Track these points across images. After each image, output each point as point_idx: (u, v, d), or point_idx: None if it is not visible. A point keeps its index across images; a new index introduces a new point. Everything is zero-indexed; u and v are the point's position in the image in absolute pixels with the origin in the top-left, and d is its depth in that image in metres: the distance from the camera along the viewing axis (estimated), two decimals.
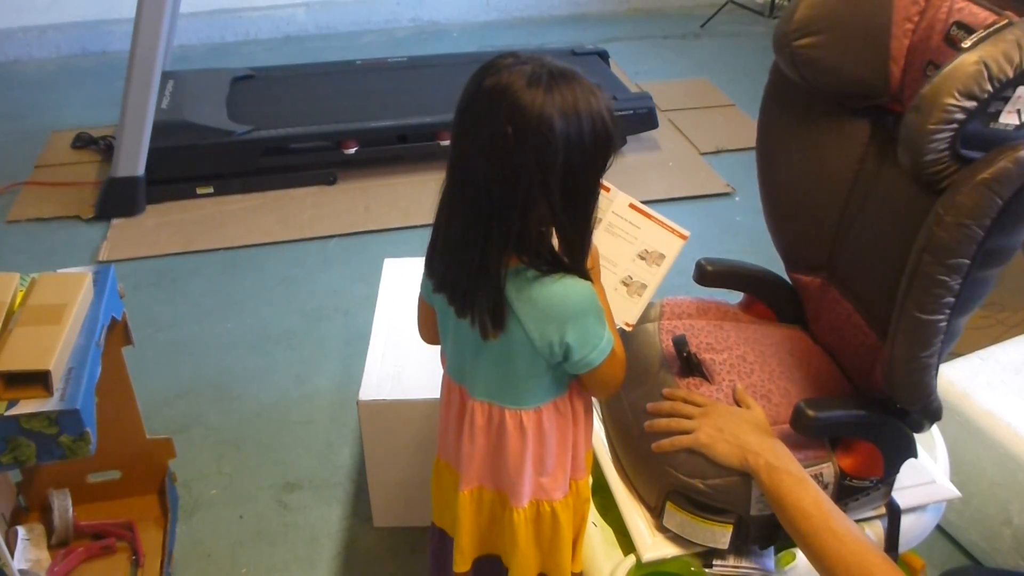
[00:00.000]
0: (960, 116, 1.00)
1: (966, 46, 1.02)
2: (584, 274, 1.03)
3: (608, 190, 1.24)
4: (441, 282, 1.06)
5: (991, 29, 1.02)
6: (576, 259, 1.01)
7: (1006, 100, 1.01)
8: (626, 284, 1.25)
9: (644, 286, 1.24)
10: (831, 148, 1.30)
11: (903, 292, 1.09)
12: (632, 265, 1.25)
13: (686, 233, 1.23)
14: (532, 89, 0.91)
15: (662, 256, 1.24)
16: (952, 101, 0.99)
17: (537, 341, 1.02)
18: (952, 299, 1.06)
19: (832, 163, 1.31)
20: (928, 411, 1.19)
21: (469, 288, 1.02)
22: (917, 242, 1.07)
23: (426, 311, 1.19)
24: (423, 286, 1.16)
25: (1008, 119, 1.02)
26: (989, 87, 0.98)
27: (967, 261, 1.03)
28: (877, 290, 1.25)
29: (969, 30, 1.11)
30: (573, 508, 1.20)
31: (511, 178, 0.93)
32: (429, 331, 1.21)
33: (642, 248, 1.24)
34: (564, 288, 1.00)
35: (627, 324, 1.25)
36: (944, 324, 1.08)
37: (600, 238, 1.23)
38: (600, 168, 0.98)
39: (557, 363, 1.06)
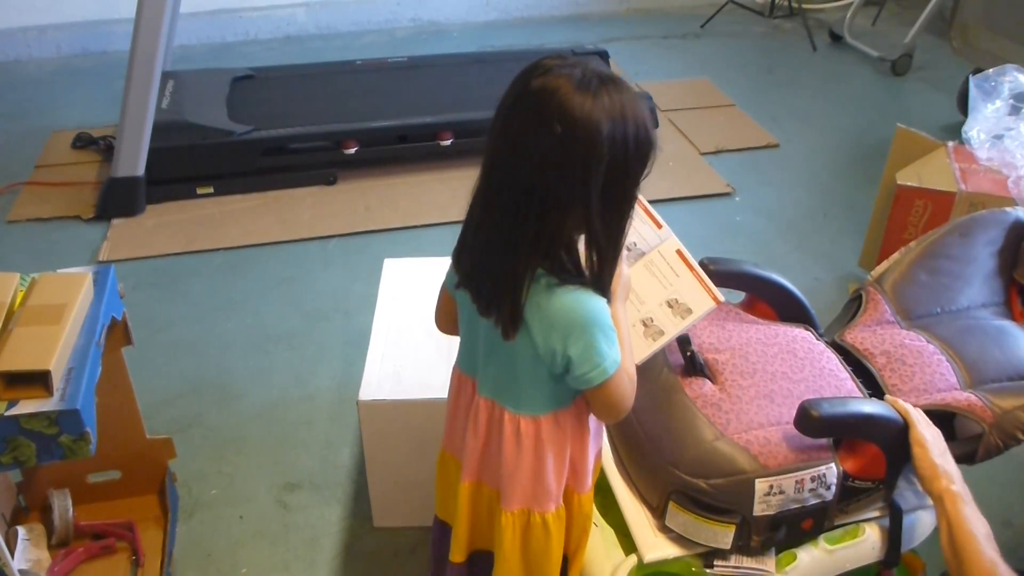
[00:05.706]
0: None
1: None
2: (604, 291, 1.02)
3: (661, 227, 1.23)
4: (467, 279, 1.07)
5: None
6: (601, 270, 1.00)
7: None
8: (645, 324, 1.22)
9: (662, 333, 1.21)
10: None
11: None
12: (658, 309, 1.22)
13: (721, 298, 1.20)
14: (581, 92, 0.91)
15: (689, 311, 1.20)
16: None
17: (541, 347, 1.02)
18: None
19: None
20: None
21: (495, 290, 1.01)
22: None
23: (447, 302, 1.19)
24: (448, 277, 1.16)
25: None
26: None
27: None
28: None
29: None
30: (572, 521, 1.19)
31: (554, 180, 0.93)
32: (448, 322, 1.21)
33: (673, 296, 1.21)
34: (574, 299, 0.99)
35: None
36: None
37: (636, 271, 1.22)
38: (639, 174, 0.98)
39: (560, 374, 1.05)
